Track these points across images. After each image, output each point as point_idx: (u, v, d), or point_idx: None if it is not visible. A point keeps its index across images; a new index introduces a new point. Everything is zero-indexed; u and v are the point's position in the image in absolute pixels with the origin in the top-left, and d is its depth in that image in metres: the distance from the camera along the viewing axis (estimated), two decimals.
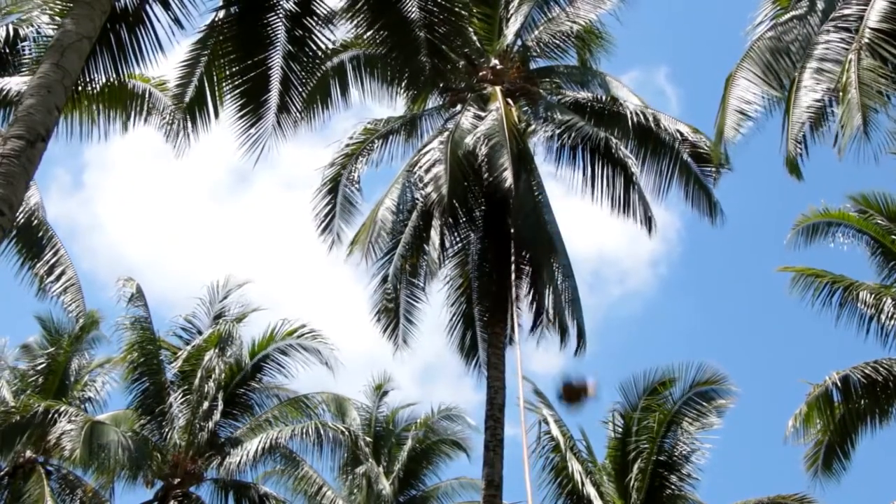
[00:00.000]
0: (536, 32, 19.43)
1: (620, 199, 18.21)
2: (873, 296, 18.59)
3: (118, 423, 22.03)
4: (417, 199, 18.36)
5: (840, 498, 26.00)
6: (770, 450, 47.81)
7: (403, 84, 13.45)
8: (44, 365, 23.34)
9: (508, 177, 16.09)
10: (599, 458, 20.60)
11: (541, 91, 19.20)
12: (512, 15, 19.20)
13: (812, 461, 18.98)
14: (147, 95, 14.05)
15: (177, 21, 11.17)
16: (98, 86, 11.84)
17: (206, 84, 12.58)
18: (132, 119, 13.74)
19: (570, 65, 20.10)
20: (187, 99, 12.81)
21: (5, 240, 15.61)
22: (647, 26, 47.70)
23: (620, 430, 20.13)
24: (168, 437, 21.70)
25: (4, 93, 13.48)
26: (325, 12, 12.05)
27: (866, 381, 17.95)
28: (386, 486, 24.99)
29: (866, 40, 12.19)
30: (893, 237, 18.84)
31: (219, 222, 52.68)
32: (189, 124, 13.00)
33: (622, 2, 19.39)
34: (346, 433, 22.50)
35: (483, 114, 17.69)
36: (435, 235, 17.97)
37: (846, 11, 13.11)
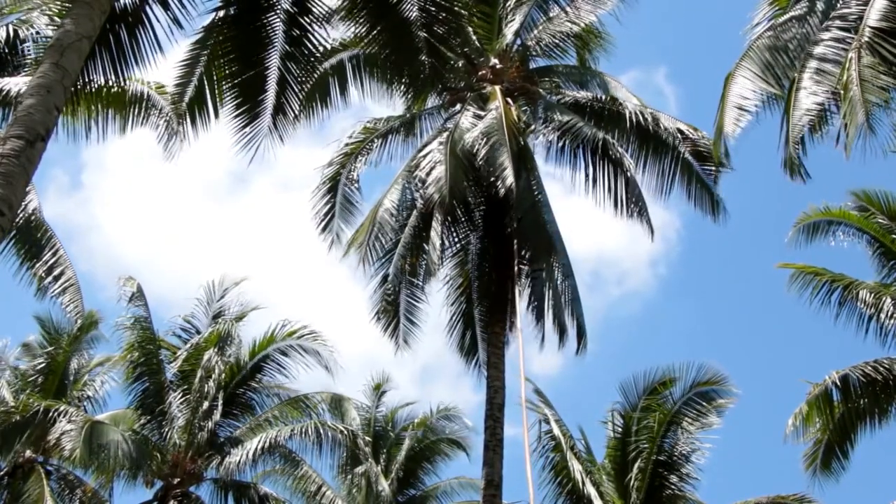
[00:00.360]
0: (536, 32, 19.43)
1: (621, 199, 18.20)
2: (873, 295, 18.57)
3: (118, 422, 22.03)
4: (417, 199, 18.35)
5: (839, 497, 26.02)
6: (770, 450, 47.85)
7: (403, 84, 13.42)
8: (43, 365, 23.32)
9: (508, 176, 16.09)
10: (598, 458, 20.60)
11: (540, 90, 19.20)
12: (511, 14, 19.19)
13: (811, 460, 18.99)
14: (145, 97, 14.02)
15: (176, 21, 11.15)
16: (97, 87, 11.82)
17: (206, 84, 12.55)
18: (130, 120, 13.72)
19: (570, 64, 20.11)
20: (187, 99, 12.78)
21: (5, 240, 15.61)
22: (647, 26, 47.77)
23: (620, 429, 20.10)
24: (168, 436, 21.69)
25: (4, 93, 13.45)
26: (324, 12, 12.04)
27: (866, 380, 17.95)
28: (385, 485, 24.98)
29: (866, 39, 12.18)
30: (894, 236, 18.84)
31: (217, 223, 52.73)
32: (188, 124, 12.97)
33: (622, 2, 19.43)
34: (346, 433, 22.49)
35: (483, 113, 17.68)
36: (434, 235, 17.95)
37: (846, 11, 13.10)
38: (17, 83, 13.22)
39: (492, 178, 16.73)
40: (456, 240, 18.70)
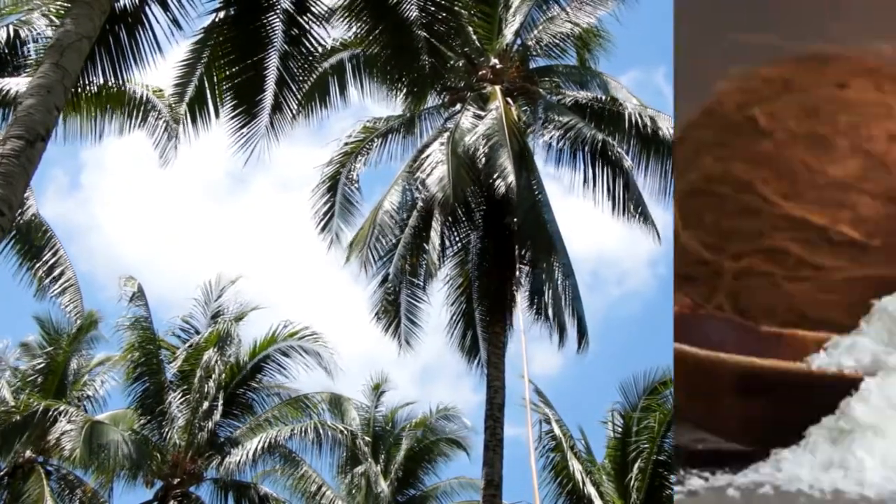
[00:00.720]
0: (536, 32, 19.42)
1: (620, 201, 18.19)
2: None
3: (118, 422, 22.02)
4: (417, 200, 18.33)
5: None
6: None
7: (403, 84, 13.40)
8: (43, 365, 23.31)
9: (509, 176, 16.09)
10: (599, 458, 20.60)
11: (540, 90, 19.19)
12: (511, 14, 19.19)
13: None
14: (144, 100, 14.02)
15: (175, 22, 11.13)
16: (96, 87, 11.81)
17: (206, 84, 12.54)
18: (129, 122, 13.73)
19: (570, 64, 20.08)
20: (187, 99, 12.78)
21: (5, 240, 15.59)
22: (647, 26, 47.71)
23: (620, 429, 20.12)
24: (168, 436, 21.70)
25: (4, 93, 13.46)
26: (323, 11, 12.03)
27: None
28: (384, 485, 24.98)
29: None
30: None
31: (216, 223, 52.77)
32: (188, 124, 12.98)
33: (622, 2, 19.40)
34: (345, 433, 22.51)
35: (483, 113, 17.68)
36: (435, 235, 17.95)
37: None
38: (17, 83, 13.22)
39: (492, 179, 16.72)
40: (456, 240, 18.70)
